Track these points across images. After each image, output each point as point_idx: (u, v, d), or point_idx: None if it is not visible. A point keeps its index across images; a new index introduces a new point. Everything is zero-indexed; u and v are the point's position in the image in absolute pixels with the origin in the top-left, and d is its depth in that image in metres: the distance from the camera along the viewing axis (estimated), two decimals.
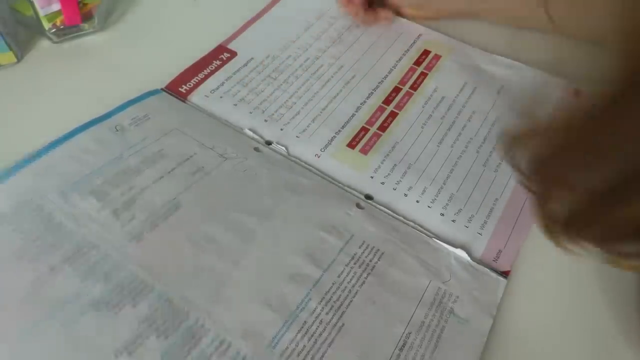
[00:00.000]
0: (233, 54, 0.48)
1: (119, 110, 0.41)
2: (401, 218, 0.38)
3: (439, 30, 0.53)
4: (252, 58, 0.48)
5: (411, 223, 0.37)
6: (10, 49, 0.44)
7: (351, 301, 0.32)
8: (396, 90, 0.47)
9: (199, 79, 0.46)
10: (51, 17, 0.45)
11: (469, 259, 0.36)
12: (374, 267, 0.34)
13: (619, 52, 0.23)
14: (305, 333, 0.31)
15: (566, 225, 0.28)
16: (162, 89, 0.45)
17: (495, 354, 0.32)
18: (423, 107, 0.46)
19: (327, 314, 0.32)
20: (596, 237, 0.27)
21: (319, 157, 0.41)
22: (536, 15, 0.47)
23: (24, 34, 0.47)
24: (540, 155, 0.28)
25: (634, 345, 0.32)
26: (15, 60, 0.45)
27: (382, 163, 0.41)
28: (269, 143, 0.42)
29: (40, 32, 0.47)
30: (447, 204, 0.39)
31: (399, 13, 0.54)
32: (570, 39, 0.46)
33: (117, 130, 0.40)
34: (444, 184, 0.40)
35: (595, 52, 0.41)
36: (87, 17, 0.47)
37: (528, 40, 0.50)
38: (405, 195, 0.39)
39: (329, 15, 0.54)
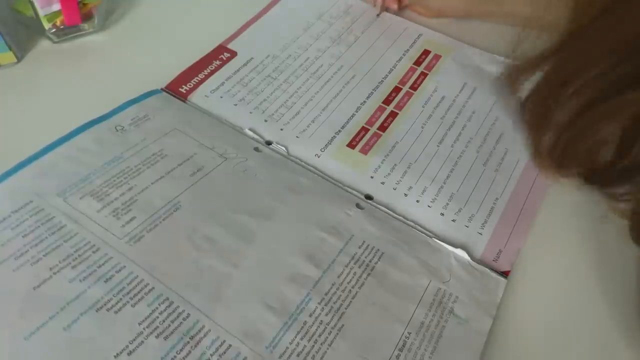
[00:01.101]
0: (233, 54, 0.48)
1: (119, 111, 0.41)
2: (401, 218, 0.38)
3: (439, 30, 0.53)
4: (252, 58, 0.48)
5: (411, 223, 0.37)
6: (10, 49, 0.44)
7: (351, 302, 0.32)
8: (396, 90, 0.47)
9: (199, 79, 0.46)
10: (51, 17, 0.45)
11: (469, 258, 0.36)
12: (373, 267, 0.34)
13: None
14: (305, 334, 0.31)
15: (549, 155, 0.28)
16: (162, 89, 0.45)
17: (495, 354, 0.32)
18: (423, 107, 0.46)
19: (326, 314, 0.32)
20: (579, 165, 0.27)
21: (319, 157, 0.41)
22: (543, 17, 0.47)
23: (24, 34, 0.47)
24: (528, 91, 0.29)
25: (634, 345, 0.32)
26: (15, 60, 0.45)
27: (382, 163, 0.41)
28: (269, 143, 0.42)
29: (40, 32, 0.47)
30: (447, 204, 0.39)
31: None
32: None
33: (117, 131, 0.40)
34: (444, 183, 0.40)
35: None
36: (87, 17, 0.47)
37: (528, 40, 0.50)
38: (405, 195, 0.39)
39: (329, 15, 0.54)
